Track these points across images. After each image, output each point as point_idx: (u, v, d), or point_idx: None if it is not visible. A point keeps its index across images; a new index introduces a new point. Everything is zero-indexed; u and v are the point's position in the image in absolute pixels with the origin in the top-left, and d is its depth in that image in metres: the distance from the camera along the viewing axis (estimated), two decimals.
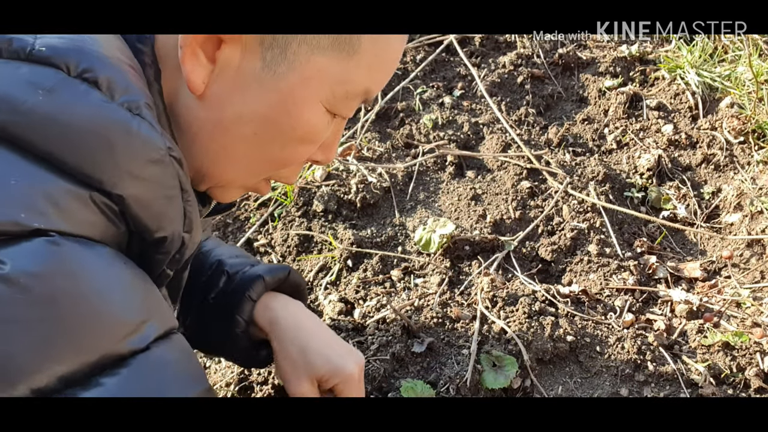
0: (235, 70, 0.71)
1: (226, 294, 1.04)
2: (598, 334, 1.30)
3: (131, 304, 0.61)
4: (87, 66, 0.61)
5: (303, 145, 0.77)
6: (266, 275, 1.05)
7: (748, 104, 1.77)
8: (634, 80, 1.98)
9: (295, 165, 0.82)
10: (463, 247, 1.52)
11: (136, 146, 0.62)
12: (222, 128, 0.73)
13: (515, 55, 2.05)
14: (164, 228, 0.66)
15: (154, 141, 0.63)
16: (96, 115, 0.60)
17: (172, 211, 0.67)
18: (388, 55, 0.76)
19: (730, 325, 1.32)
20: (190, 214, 0.70)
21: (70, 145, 0.58)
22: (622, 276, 1.44)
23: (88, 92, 0.60)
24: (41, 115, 0.58)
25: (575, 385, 1.23)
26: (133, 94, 0.63)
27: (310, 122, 0.75)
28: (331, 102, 0.74)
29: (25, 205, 0.55)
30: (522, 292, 1.39)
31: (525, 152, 1.73)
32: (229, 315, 1.02)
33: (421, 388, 1.18)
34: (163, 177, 0.65)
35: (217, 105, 0.72)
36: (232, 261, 1.09)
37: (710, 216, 1.63)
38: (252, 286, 1.03)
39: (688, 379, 1.22)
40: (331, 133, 0.80)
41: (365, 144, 1.81)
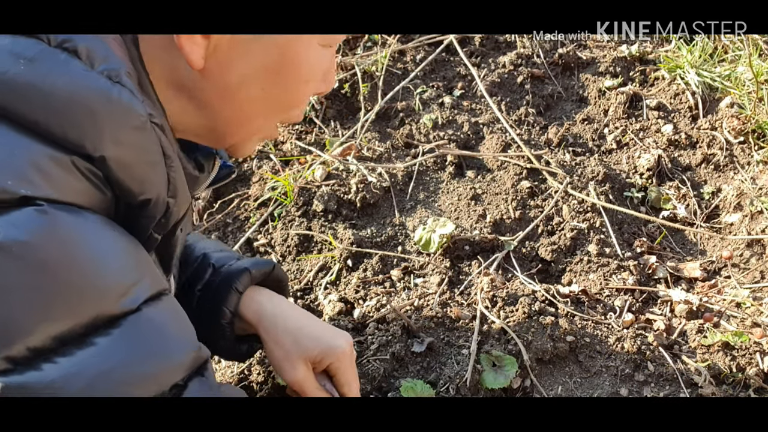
0: (229, 40, 0.72)
1: (212, 286, 1.06)
2: (597, 334, 1.30)
3: (121, 267, 0.63)
4: (66, 36, 0.62)
5: (309, 84, 0.80)
6: (252, 268, 1.06)
7: (748, 104, 1.77)
8: (634, 80, 1.98)
9: (303, 103, 0.85)
10: (463, 246, 1.52)
11: (116, 113, 0.63)
12: (230, 93, 0.76)
13: (515, 55, 2.05)
14: (147, 191, 0.68)
15: (135, 108, 0.64)
16: (77, 84, 0.61)
17: (154, 176, 0.68)
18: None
19: (729, 325, 1.32)
20: (174, 180, 0.71)
21: (52, 113, 0.60)
22: (621, 276, 1.44)
23: (68, 61, 0.62)
24: (23, 83, 0.59)
25: (575, 385, 1.23)
26: (113, 62, 0.64)
27: (312, 61, 0.77)
28: (326, 37, 0.77)
29: (11, 173, 0.57)
30: (522, 292, 1.39)
31: (525, 152, 1.73)
32: (216, 306, 1.03)
33: (421, 387, 1.18)
34: (145, 143, 0.66)
35: (221, 72, 0.74)
36: (217, 255, 1.11)
37: (710, 216, 1.63)
38: (239, 279, 1.04)
39: (688, 379, 1.22)
40: (328, 62, 0.83)
41: (365, 144, 1.81)
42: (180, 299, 1.06)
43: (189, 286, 1.07)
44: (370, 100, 1.96)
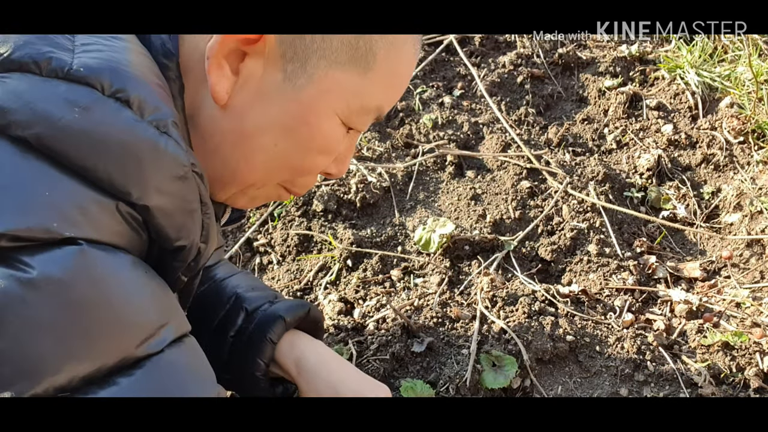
0: (257, 82, 0.74)
1: (245, 333, 1.04)
2: (597, 334, 1.30)
3: (150, 310, 0.65)
4: (120, 86, 0.64)
5: (320, 156, 0.81)
6: (287, 315, 1.05)
7: (747, 104, 1.77)
8: (634, 80, 1.98)
9: (311, 175, 0.85)
10: (462, 246, 1.52)
11: (162, 163, 0.65)
12: (243, 137, 0.77)
13: (515, 55, 2.05)
14: (183, 238, 0.69)
15: (180, 158, 0.66)
16: (127, 133, 0.63)
17: (192, 223, 0.70)
18: (401, 72, 0.81)
19: (729, 325, 1.32)
20: (207, 226, 0.73)
21: (102, 159, 0.62)
22: (621, 276, 1.44)
23: (119, 110, 0.64)
24: (76, 130, 0.61)
25: (575, 385, 1.23)
26: (162, 113, 0.66)
27: (327, 133, 0.78)
28: (347, 115, 0.78)
29: (57, 214, 0.59)
30: (522, 291, 1.39)
31: (525, 152, 1.73)
32: (250, 357, 1.03)
33: (421, 387, 1.18)
34: (186, 192, 0.68)
35: (239, 115, 0.75)
36: (250, 295, 1.09)
37: (710, 216, 1.63)
38: (272, 328, 1.03)
39: (688, 379, 1.22)
40: (345, 147, 0.84)
41: (365, 144, 1.81)
42: (212, 344, 1.05)
43: (221, 331, 1.06)
44: None
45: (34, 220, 0.57)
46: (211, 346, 1.04)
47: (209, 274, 1.14)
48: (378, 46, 0.75)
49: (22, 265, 0.55)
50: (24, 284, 0.55)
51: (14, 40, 0.62)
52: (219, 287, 1.11)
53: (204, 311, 1.08)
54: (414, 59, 0.83)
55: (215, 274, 1.15)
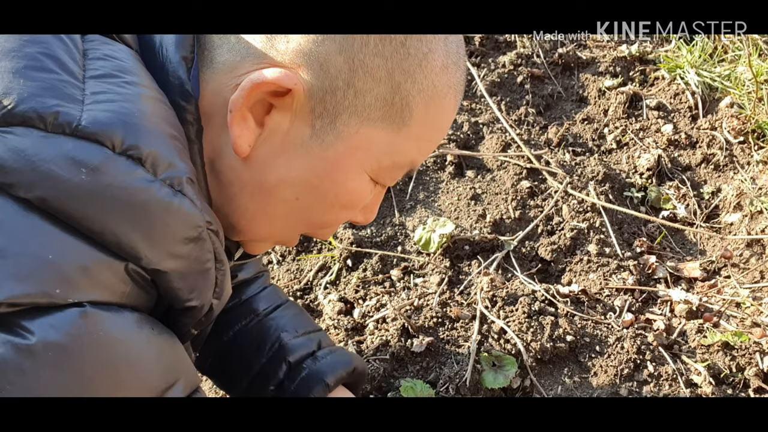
0: (283, 136, 0.71)
1: (286, 392, 1.02)
2: (597, 334, 1.30)
3: (158, 370, 0.62)
4: (132, 143, 0.60)
5: (344, 211, 0.78)
6: (329, 378, 1.02)
7: (747, 104, 1.77)
8: (634, 80, 1.98)
9: (333, 226, 0.82)
10: (462, 246, 1.52)
11: (175, 224, 0.61)
12: (264, 191, 0.73)
13: (515, 55, 2.05)
14: (195, 299, 0.67)
15: (194, 218, 0.63)
16: (138, 193, 0.60)
17: (204, 282, 0.67)
18: (439, 126, 0.76)
19: (729, 325, 1.32)
20: (221, 283, 0.69)
21: (110, 222, 0.58)
22: (621, 276, 1.44)
23: (131, 169, 0.59)
24: (83, 193, 0.57)
25: (575, 385, 1.23)
26: (177, 170, 0.62)
27: (354, 190, 0.75)
28: (377, 171, 0.75)
29: (61, 279, 0.55)
30: (522, 291, 1.39)
31: (525, 152, 1.73)
32: None
33: (421, 387, 1.18)
34: (200, 253, 0.65)
35: (262, 168, 0.72)
36: (293, 343, 1.05)
37: (710, 216, 1.63)
38: (314, 389, 1.00)
39: (688, 379, 1.22)
40: (373, 197, 0.81)
41: None
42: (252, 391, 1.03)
43: (262, 382, 1.03)
44: None
45: (36, 287, 0.53)
46: (251, 391, 1.03)
47: (251, 307, 1.10)
48: (415, 102, 0.71)
49: (21, 330, 0.52)
50: (22, 351, 0.51)
51: (19, 92, 0.57)
52: (262, 328, 1.08)
53: (245, 354, 1.05)
54: (455, 109, 0.78)
55: (257, 306, 1.11)
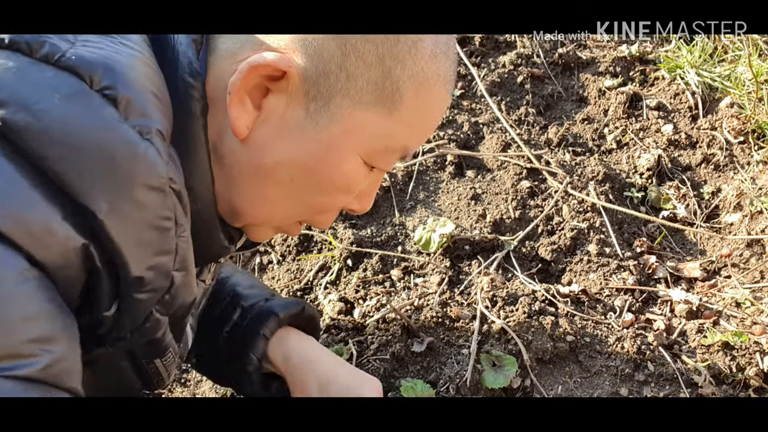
0: (279, 118, 0.72)
1: (239, 329, 1.05)
2: (597, 334, 1.30)
3: (18, 329, 0.56)
4: (110, 83, 0.61)
5: (339, 194, 0.79)
6: (280, 312, 1.05)
7: (747, 104, 1.77)
8: (634, 80, 1.98)
9: (330, 212, 0.83)
10: (462, 246, 1.52)
11: (138, 169, 0.61)
12: (262, 172, 0.75)
13: (515, 55, 2.05)
14: (144, 260, 0.65)
15: (157, 168, 0.63)
16: (105, 131, 0.60)
17: (160, 242, 0.66)
18: (429, 113, 0.78)
19: (729, 324, 1.32)
20: (182, 251, 0.69)
21: (67, 154, 0.58)
22: (621, 276, 1.44)
23: (103, 107, 0.60)
24: (50, 118, 0.57)
25: (575, 385, 1.23)
26: (149, 120, 0.63)
27: (348, 173, 0.76)
28: (370, 155, 0.76)
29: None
30: (522, 291, 1.39)
31: (525, 152, 1.73)
32: (243, 352, 1.03)
33: (421, 387, 1.18)
34: (158, 205, 0.64)
35: (259, 150, 0.73)
36: (247, 293, 1.09)
37: (710, 216, 1.63)
38: (266, 323, 1.03)
39: (688, 378, 1.22)
40: (369, 184, 0.82)
41: None
42: (210, 339, 1.05)
43: (218, 327, 1.06)
44: None
45: None
46: (208, 341, 1.06)
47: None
48: (405, 87, 0.73)
49: None
50: None
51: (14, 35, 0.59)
52: (218, 285, 1.11)
53: (205, 308, 1.07)
54: (445, 99, 0.80)
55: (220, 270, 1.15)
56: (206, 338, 1.06)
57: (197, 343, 1.06)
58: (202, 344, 1.07)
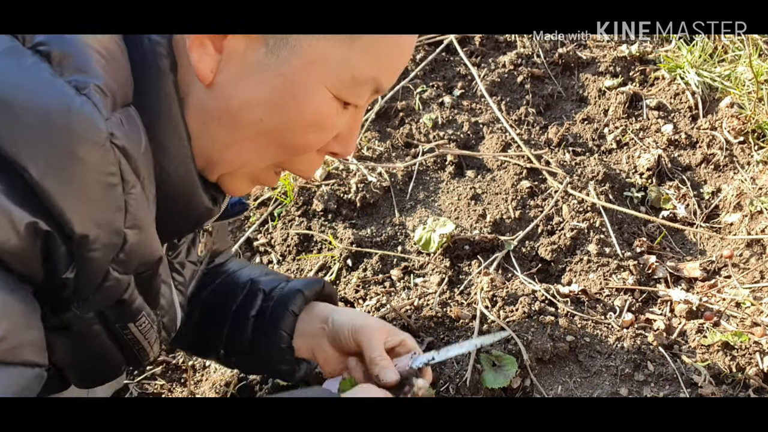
0: (240, 58, 0.72)
1: (266, 312, 1.06)
2: (597, 334, 1.30)
3: None
4: (43, 39, 0.60)
5: (313, 133, 0.77)
6: (305, 289, 1.07)
7: (748, 104, 1.77)
8: (634, 80, 1.98)
9: (308, 155, 0.81)
10: (462, 246, 1.52)
11: (73, 125, 0.60)
12: (230, 116, 0.74)
13: (515, 55, 2.05)
14: (89, 217, 0.64)
15: (95, 123, 0.62)
16: (37, 87, 0.59)
17: (105, 199, 0.65)
18: (392, 43, 0.76)
19: (729, 324, 1.32)
20: (133, 209, 0.68)
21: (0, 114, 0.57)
22: (621, 276, 1.44)
23: (36, 65, 0.59)
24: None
25: (575, 385, 1.23)
26: (87, 76, 0.62)
27: (317, 108, 0.75)
28: (338, 88, 0.74)
29: None
30: (522, 291, 1.39)
31: (525, 152, 1.73)
32: (273, 331, 1.04)
33: None
34: (98, 161, 0.63)
35: (225, 93, 0.73)
36: (265, 279, 1.11)
37: (710, 216, 1.63)
38: (293, 301, 1.05)
39: (688, 379, 1.22)
40: (347, 125, 0.80)
41: (365, 143, 1.80)
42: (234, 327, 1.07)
43: (242, 314, 1.07)
44: None
45: None
46: (233, 329, 1.08)
47: (221, 269, 1.16)
48: None
49: None
50: None
51: None
52: (233, 277, 1.13)
53: (222, 299, 1.10)
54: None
55: (228, 268, 1.17)
56: (230, 326, 1.08)
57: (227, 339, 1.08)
58: (228, 337, 1.08)
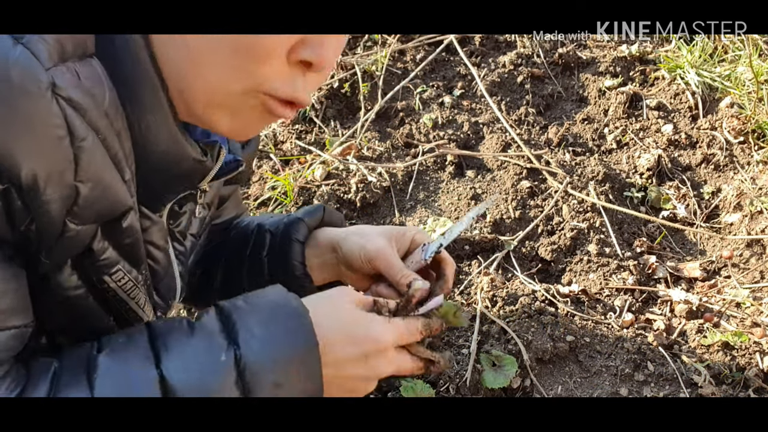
0: None
1: (275, 247, 1.09)
2: (597, 334, 1.30)
3: None
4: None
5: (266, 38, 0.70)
6: (305, 217, 1.09)
7: (748, 104, 1.77)
8: (634, 80, 1.98)
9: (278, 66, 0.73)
10: (463, 246, 1.52)
11: (11, 76, 0.59)
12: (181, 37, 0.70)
13: (515, 55, 2.05)
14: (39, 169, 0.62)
15: (33, 72, 0.60)
16: None
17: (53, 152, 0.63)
18: None
19: (729, 325, 1.32)
20: (84, 163, 0.66)
21: None
22: (621, 276, 1.44)
23: None
24: None
25: (575, 385, 1.23)
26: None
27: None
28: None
29: None
30: (522, 291, 1.39)
31: (525, 152, 1.73)
32: (286, 264, 1.06)
33: (421, 387, 1.18)
34: (40, 112, 0.61)
35: None
36: (270, 221, 1.14)
37: (710, 216, 1.63)
38: (296, 230, 1.07)
39: (688, 379, 1.22)
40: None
41: (365, 143, 1.81)
42: (252, 270, 1.10)
43: (256, 257, 1.10)
44: (370, 99, 1.95)
45: None
46: (251, 275, 1.10)
47: (234, 223, 1.20)
48: None
49: None
50: None
51: None
52: (242, 227, 1.16)
53: (237, 248, 1.13)
54: None
55: (240, 221, 1.20)
56: (248, 270, 1.11)
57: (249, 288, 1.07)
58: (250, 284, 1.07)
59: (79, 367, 0.69)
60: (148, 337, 0.74)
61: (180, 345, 0.72)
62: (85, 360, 0.70)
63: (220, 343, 0.71)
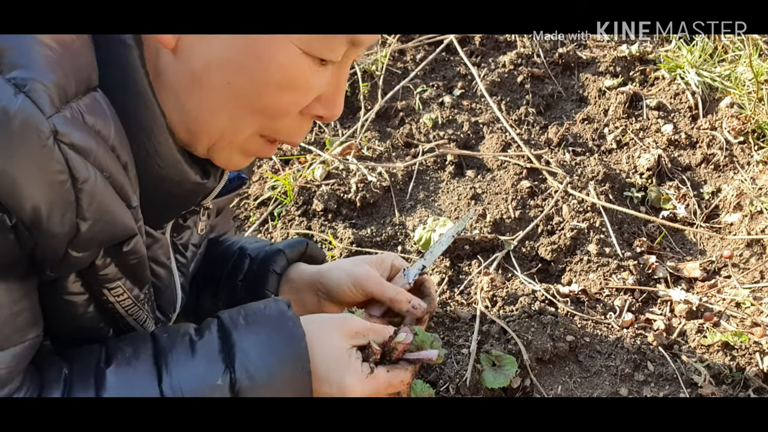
0: None
1: (251, 274, 1.09)
2: (597, 334, 1.30)
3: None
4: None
5: (284, 93, 0.73)
6: (286, 249, 1.10)
7: (748, 104, 1.77)
8: (634, 80, 1.98)
9: (289, 119, 0.78)
10: (462, 246, 1.52)
11: (12, 128, 0.59)
12: (194, 79, 0.72)
13: (515, 55, 2.05)
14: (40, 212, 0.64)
15: (35, 123, 0.60)
16: None
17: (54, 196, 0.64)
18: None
19: (729, 325, 1.32)
20: (84, 203, 0.67)
21: None
22: (621, 276, 1.44)
23: None
24: None
25: (575, 385, 1.23)
26: (26, 70, 0.60)
27: (284, 65, 0.71)
28: (306, 42, 0.70)
29: None
30: (522, 291, 1.39)
31: (525, 152, 1.73)
32: (259, 292, 1.06)
33: (421, 387, 1.18)
34: (41, 162, 0.62)
35: (188, 56, 0.71)
36: (253, 246, 1.14)
37: (710, 216, 1.63)
38: (274, 261, 1.08)
39: (688, 379, 1.22)
40: (330, 85, 0.77)
41: (365, 143, 1.81)
42: (226, 292, 1.11)
43: (231, 279, 1.11)
44: (370, 99, 1.96)
45: None
46: (226, 294, 1.11)
47: (219, 240, 1.20)
48: None
49: None
50: None
51: None
52: (226, 247, 1.17)
53: (215, 267, 1.13)
54: None
55: (225, 239, 1.20)
56: (223, 291, 1.12)
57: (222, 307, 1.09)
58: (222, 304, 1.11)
59: (89, 379, 0.73)
60: (152, 352, 0.77)
61: (179, 366, 0.75)
62: (94, 371, 0.74)
63: (217, 368, 0.75)
